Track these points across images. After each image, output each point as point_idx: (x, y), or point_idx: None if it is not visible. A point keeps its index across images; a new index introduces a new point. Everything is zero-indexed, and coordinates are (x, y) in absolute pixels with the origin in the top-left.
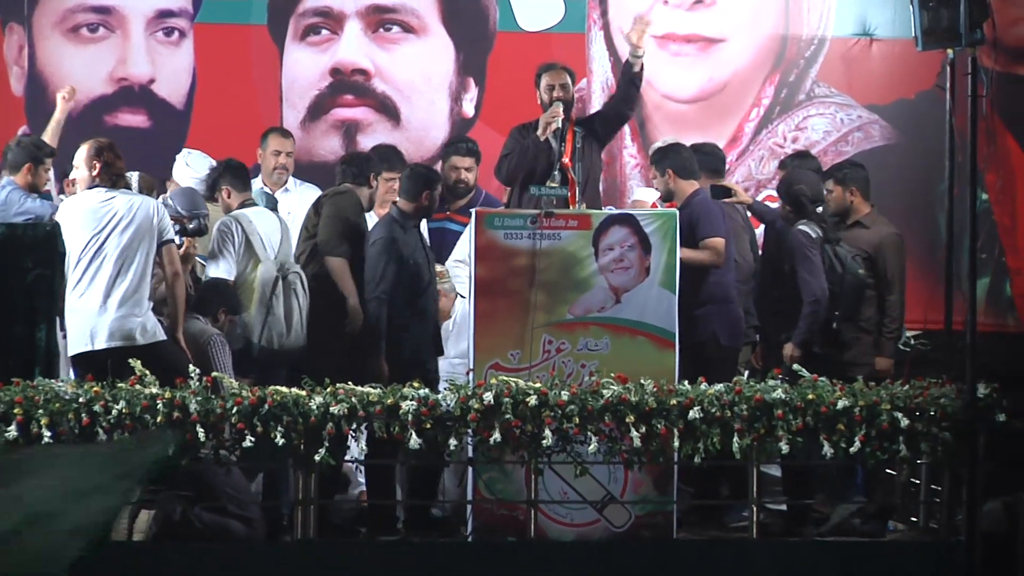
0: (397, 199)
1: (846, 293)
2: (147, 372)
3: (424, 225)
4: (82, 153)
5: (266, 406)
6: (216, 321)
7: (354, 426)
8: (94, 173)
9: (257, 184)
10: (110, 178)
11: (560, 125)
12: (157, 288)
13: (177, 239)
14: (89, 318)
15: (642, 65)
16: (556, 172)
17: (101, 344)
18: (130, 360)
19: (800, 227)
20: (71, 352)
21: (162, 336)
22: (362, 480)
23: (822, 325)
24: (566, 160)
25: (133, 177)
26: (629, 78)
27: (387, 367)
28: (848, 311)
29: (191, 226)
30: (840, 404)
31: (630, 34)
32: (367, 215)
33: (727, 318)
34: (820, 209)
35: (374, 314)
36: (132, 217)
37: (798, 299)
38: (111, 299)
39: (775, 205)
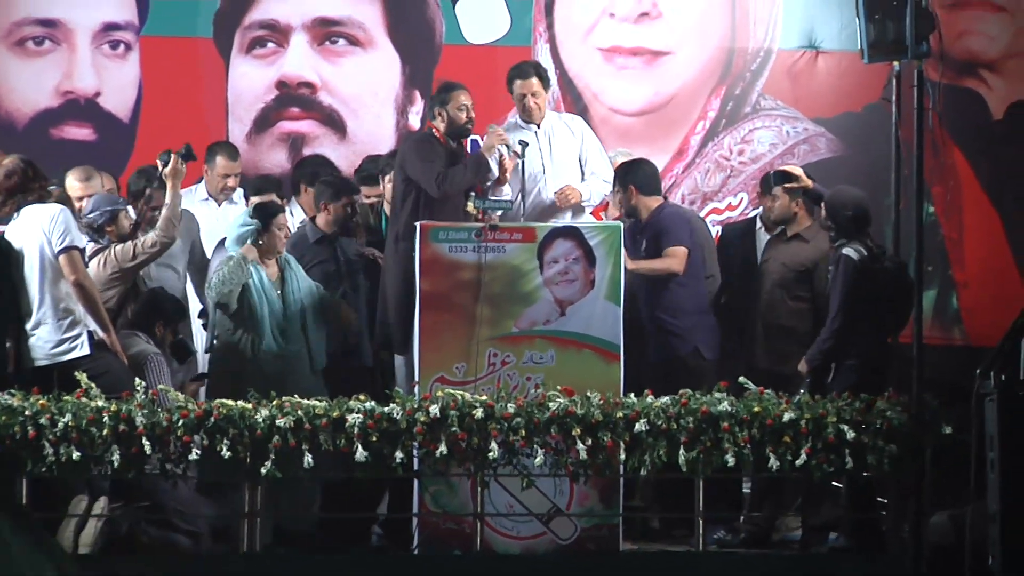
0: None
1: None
2: (92, 385)
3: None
4: None
5: (212, 419)
6: (154, 337)
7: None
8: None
9: (201, 193)
10: (31, 194)
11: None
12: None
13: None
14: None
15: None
16: (472, 193)
17: (31, 365)
18: (76, 372)
19: (845, 252)
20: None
21: (67, 356)
22: None
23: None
24: (479, 187)
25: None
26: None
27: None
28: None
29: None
30: (786, 417)
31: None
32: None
33: (708, 331)
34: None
35: None
36: (27, 233)
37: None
38: (29, 321)
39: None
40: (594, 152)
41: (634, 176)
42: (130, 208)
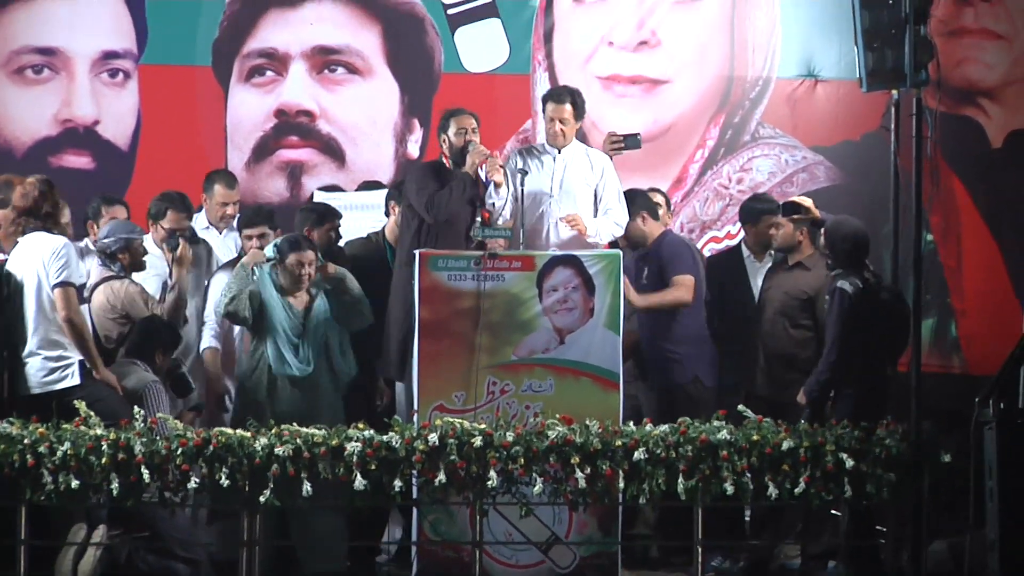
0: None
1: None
2: (91, 413)
3: None
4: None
5: (211, 447)
6: (154, 364)
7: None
8: (14, 216)
9: (201, 222)
10: (36, 220)
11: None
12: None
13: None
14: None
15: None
16: (478, 220)
17: (27, 393)
18: (74, 401)
19: (840, 285)
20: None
21: (59, 385)
22: None
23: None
24: (486, 214)
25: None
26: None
27: None
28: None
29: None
30: (785, 445)
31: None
32: None
33: (708, 359)
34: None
35: None
36: (27, 260)
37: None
38: (27, 347)
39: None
40: (612, 193)
41: (642, 203)
42: (147, 237)
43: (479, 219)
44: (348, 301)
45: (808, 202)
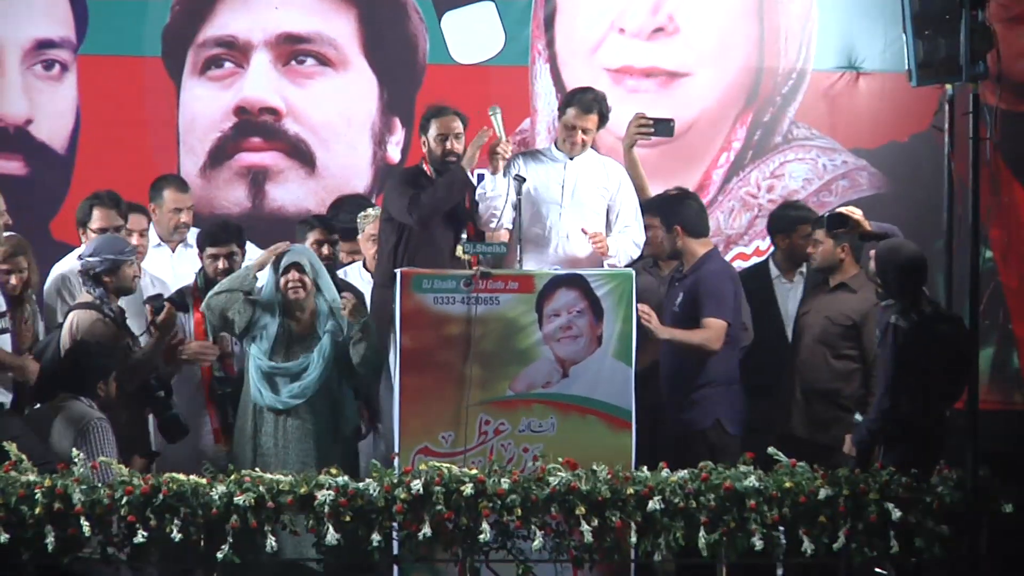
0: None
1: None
2: (23, 457)
3: None
4: None
5: (160, 496)
6: (98, 397)
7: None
8: None
9: (152, 238)
10: None
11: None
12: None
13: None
14: None
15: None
16: (463, 236)
17: None
18: (4, 443)
19: (893, 319)
20: None
21: None
22: None
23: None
24: (471, 228)
25: None
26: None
27: None
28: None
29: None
30: (822, 494)
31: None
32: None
33: (732, 402)
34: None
35: None
36: None
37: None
38: None
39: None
40: (630, 209)
41: (681, 215)
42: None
43: (464, 235)
44: (368, 351)
45: (857, 214)
